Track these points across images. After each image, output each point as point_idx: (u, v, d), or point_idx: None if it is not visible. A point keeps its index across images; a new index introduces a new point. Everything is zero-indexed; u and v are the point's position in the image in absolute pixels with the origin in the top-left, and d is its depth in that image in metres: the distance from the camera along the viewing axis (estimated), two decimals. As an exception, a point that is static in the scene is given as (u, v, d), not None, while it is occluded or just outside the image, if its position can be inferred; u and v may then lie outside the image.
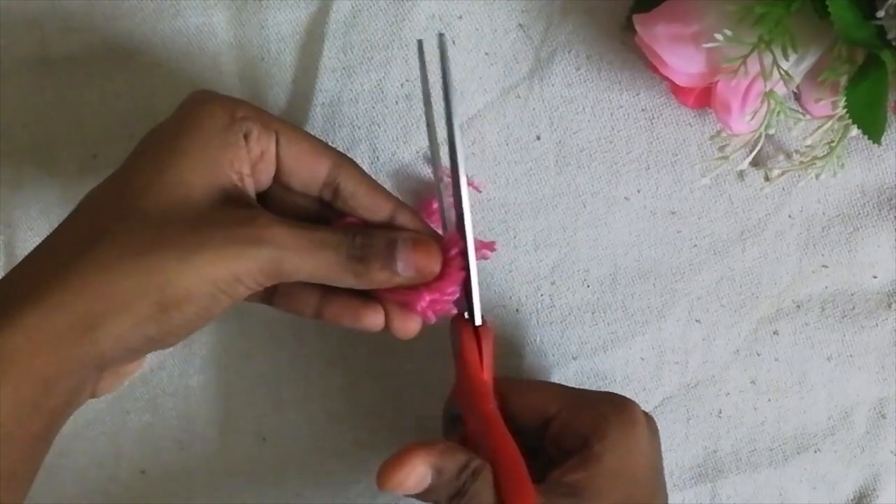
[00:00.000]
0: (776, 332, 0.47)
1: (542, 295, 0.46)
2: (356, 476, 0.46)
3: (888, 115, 0.39)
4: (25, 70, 0.44)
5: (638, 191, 0.46)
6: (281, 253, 0.33)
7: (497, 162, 0.45)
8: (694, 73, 0.40)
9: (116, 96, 0.45)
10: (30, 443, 0.31)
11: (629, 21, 0.41)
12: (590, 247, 0.46)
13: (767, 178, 0.45)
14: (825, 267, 0.46)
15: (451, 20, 0.45)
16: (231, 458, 0.46)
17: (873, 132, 0.37)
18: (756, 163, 0.45)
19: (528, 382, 0.43)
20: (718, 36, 0.37)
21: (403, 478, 0.34)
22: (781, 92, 0.39)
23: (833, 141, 0.41)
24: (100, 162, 0.45)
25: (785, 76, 0.38)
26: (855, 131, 0.39)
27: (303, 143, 0.36)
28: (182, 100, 0.36)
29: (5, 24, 0.44)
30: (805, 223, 0.46)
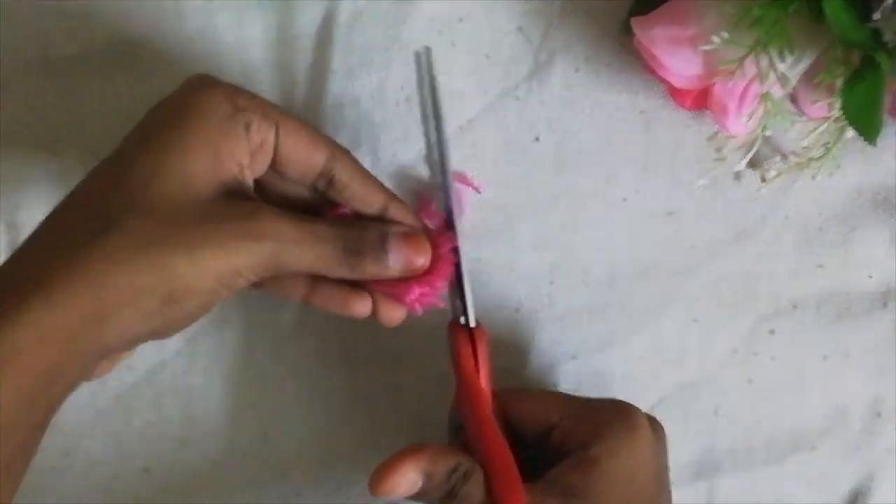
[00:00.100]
0: (773, 332, 0.47)
1: (541, 295, 0.46)
2: (356, 476, 0.46)
3: (884, 117, 0.40)
4: (28, 71, 0.44)
5: (636, 192, 0.46)
6: (281, 247, 0.34)
7: (496, 163, 0.45)
8: (691, 75, 0.40)
9: (118, 97, 0.45)
10: (29, 432, 0.32)
11: (627, 23, 0.41)
12: (588, 247, 0.46)
13: (764, 180, 0.45)
14: (821, 267, 0.47)
15: (451, 22, 0.45)
16: (233, 457, 0.46)
17: (869, 133, 0.37)
18: (753, 164, 0.45)
19: (530, 392, 0.44)
20: (716, 38, 0.37)
21: (394, 483, 0.34)
22: (778, 94, 0.39)
23: (829, 142, 0.41)
24: (102, 163, 0.45)
25: (781, 78, 0.38)
26: (851, 133, 0.39)
27: (301, 134, 0.36)
28: (183, 83, 0.36)
29: (8, 26, 0.44)
30: (801, 224, 0.46)
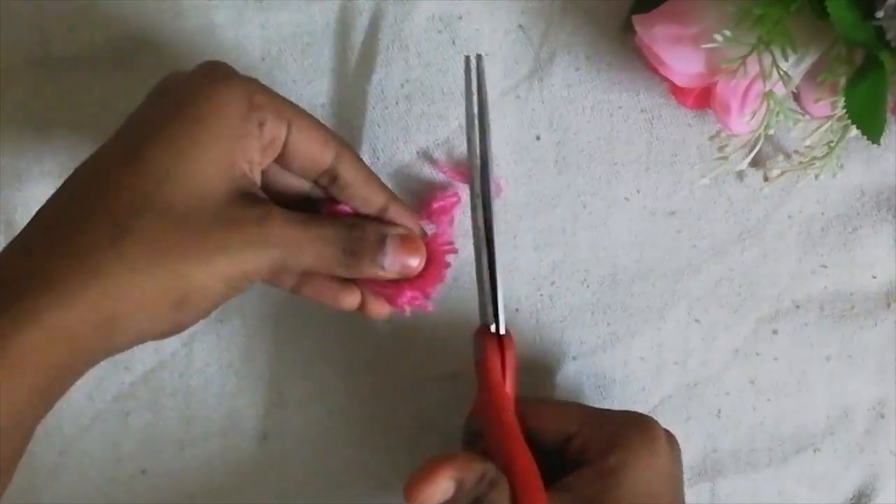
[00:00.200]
0: (775, 332, 0.47)
1: (542, 295, 0.46)
2: (356, 476, 0.46)
3: (887, 116, 0.39)
4: (26, 70, 0.44)
5: (637, 191, 0.46)
6: (288, 251, 0.35)
7: (497, 162, 0.45)
8: (693, 74, 0.40)
9: (118, 97, 0.45)
10: (31, 427, 0.32)
11: (629, 22, 0.41)
12: (589, 247, 0.46)
13: (767, 179, 0.45)
14: (824, 267, 0.46)
15: (451, 21, 0.45)
16: (232, 458, 0.46)
17: (872, 132, 0.37)
18: (755, 163, 0.45)
19: (549, 402, 0.44)
20: (718, 36, 0.37)
21: (431, 493, 0.35)
22: (781, 92, 0.39)
23: (832, 141, 0.41)
24: (100, 162, 0.45)
25: (784, 77, 0.38)
26: (854, 132, 0.39)
27: (311, 133, 0.36)
28: (196, 69, 0.35)
29: (6, 25, 0.44)
30: (804, 223, 0.46)
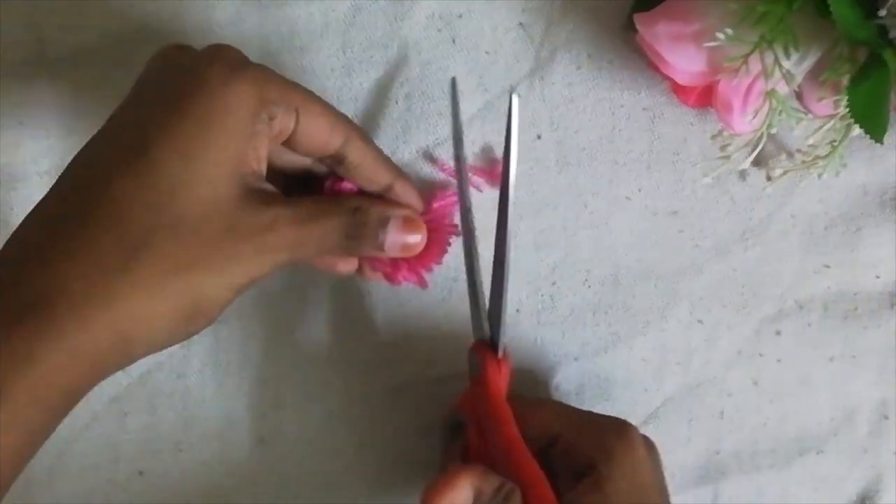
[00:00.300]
0: (778, 333, 0.46)
1: (543, 295, 0.46)
2: (354, 478, 0.46)
3: (890, 115, 0.39)
4: (23, 70, 0.44)
5: (639, 190, 0.45)
6: (294, 252, 0.35)
7: (497, 162, 0.45)
8: (695, 72, 0.40)
9: (115, 96, 0.44)
10: (42, 442, 0.32)
11: (630, 20, 0.41)
12: (591, 247, 0.46)
13: (769, 178, 0.45)
14: (827, 267, 0.46)
15: (451, 19, 0.44)
16: (229, 460, 0.46)
17: (876, 131, 0.37)
18: (758, 162, 0.45)
19: (532, 401, 0.44)
20: (720, 35, 0.37)
21: (452, 498, 0.35)
22: (783, 91, 0.39)
23: (835, 140, 0.41)
24: (98, 162, 0.45)
25: (786, 75, 0.38)
26: (857, 131, 0.39)
27: (320, 120, 0.36)
28: (202, 55, 0.34)
29: (3, 24, 0.44)
30: (807, 223, 0.46)
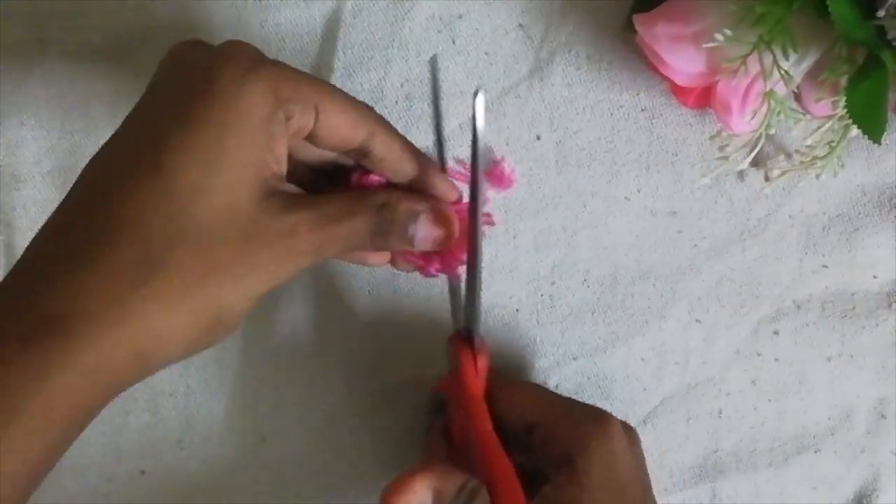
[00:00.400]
0: (776, 333, 0.46)
1: (542, 295, 0.46)
2: (356, 476, 0.46)
3: (888, 115, 0.39)
4: (24, 70, 0.44)
5: (638, 191, 0.45)
6: (317, 255, 0.34)
7: (496, 163, 0.45)
8: (694, 73, 0.40)
9: (117, 96, 0.45)
10: (57, 457, 0.32)
11: (629, 21, 0.41)
12: (590, 247, 0.46)
13: (768, 178, 0.45)
14: (825, 267, 0.46)
15: (451, 20, 0.44)
16: (231, 459, 0.46)
17: (874, 132, 0.37)
18: (756, 163, 0.45)
19: (514, 385, 0.44)
20: (719, 36, 0.37)
21: (407, 500, 0.35)
22: (782, 92, 0.39)
23: (833, 141, 0.41)
24: (99, 162, 0.45)
25: (785, 76, 0.38)
26: (855, 131, 0.39)
27: (340, 116, 0.35)
28: (216, 53, 0.33)
29: (3, 24, 0.44)
30: (805, 223, 0.46)
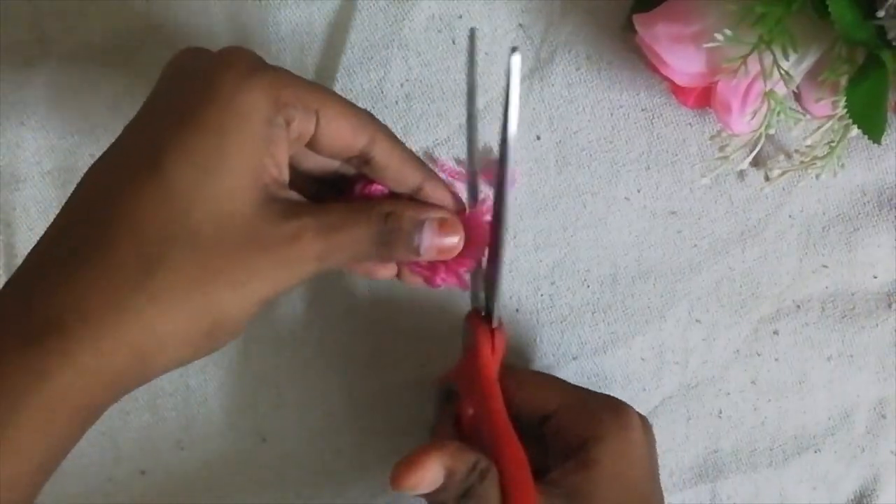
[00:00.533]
0: (776, 333, 0.46)
1: (542, 295, 0.46)
2: (356, 476, 0.46)
3: (888, 115, 0.39)
4: (24, 70, 0.44)
5: (638, 191, 0.45)
6: (321, 262, 0.33)
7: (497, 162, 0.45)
8: (694, 73, 0.40)
9: (117, 96, 0.45)
10: (59, 459, 0.31)
11: (629, 21, 0.41)
12: (590, 247, 0.46)
13: (768, 178, 0.45)
14: (825, 267, 0.46)
15: (451, 20, 0.44)
16: (231, 459, 0.46)
17: (874, 132, 0.37)
18: (756, 163, 0.45)
19: (530, 375, 0.44)
20: (719, 36, 0.37)
21: (419, 478, 0.34)
22: (781, 92, 0.39)
23: (833, 141, 0.41)
24: (99, 162, 0.45)
25: (785, 76, 0.38)
26: (855, 131, 0.39)
27: (341, 121, 0.35)
28: (215, 59, 0.33)
29: (4, 24, 0.44)
30: (805, 223, 0.46)
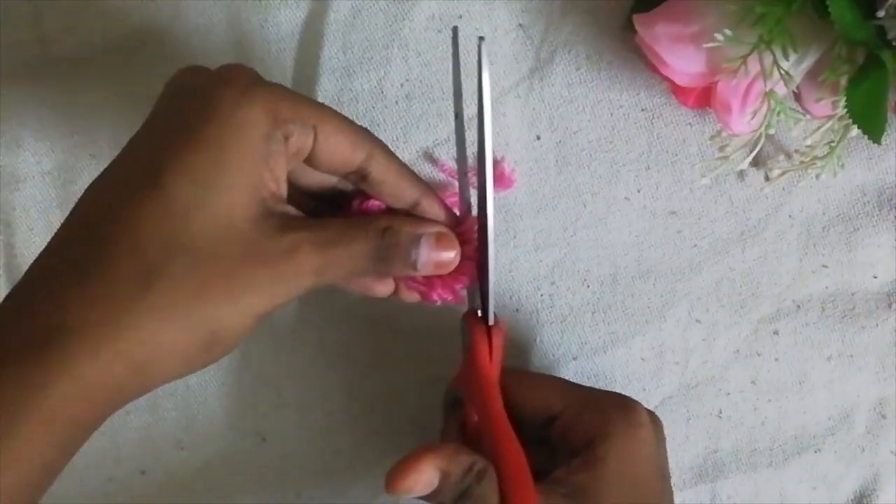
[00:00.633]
0: (776, 333, 0.46)
1: (542, 295, 0.46)
2: (356, 476, 0.46)
3: (888, 115, 0.39)
4: (24, 70, 0.44)
5: (638, 191, 0.45)
6: (319, 277, 0.34)
7: (498, 162, 0.45)
8: (694, 73, 0.40)
9: (117, 96, 0.45)
10: (57, 472, 0.31)
11: (629, 21, 0.41)
12: (590, 247, 0.46)
13: (767, 178, 0.45)
14: (825, 267, 0.46)
15: (451, 20, 0.44)
16: (231, 459, 0.46)
17: (874, 132, 0.37)
18: (756, 163, 0.45)
19: (534, 377, 0.44)
20: (719, 36, 0.37)
21: (413, 481, 0.34)
22: (781, 92, 0.39)
23: (833, 141, 0.41)
24: (99, 163, 0.45)
25: (785, 76, 0.38)
26: (855, 131, 0.39)
27: (339, 136, 0.35)
28: (214, 76, 0.34)
29: (4, 24, 0.44)
30: (805, 223, 0.46)
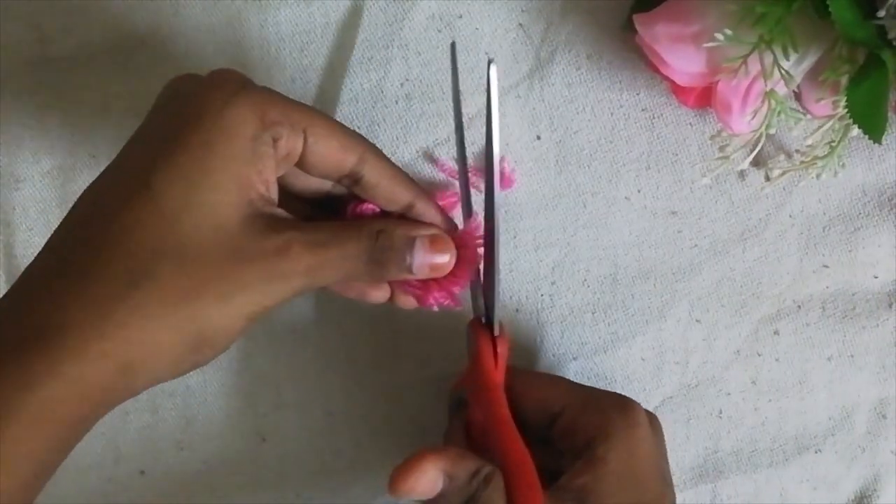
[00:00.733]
0: (777, 333, 0.46)
1: (542, 295, 0.46)
2: (356, 476, 0.46)
3: (889, 115, 0.39)
4: (24, 70, 0.44)
5: (638, 191, 0.45)
6: (310, 278, 0.33)
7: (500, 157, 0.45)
8: (694, 73, 0.40)
9: (116, 96, 0.45)
10: (50, 475, 0.32)
11: (629, 21, 0.41)
12: (590, 247, 0.46)
13: (768, 178, 0.45)
14: (826, 267, 0.46)
15: (451, 20, 0.44)
16: (231, 459, 0.46)
17: (874, 132, 0.37)
18: (757, 163, 0.45)
19: (537, 375, 0.44)
20: (719, 35, 0.37)
21: (415, 483, 0.34)
22: (782, 91, 0.39)
23: (834, 140, 0.41)
24: (99, 162, 0.45)
25: (785, 76, 0.38)
26: (856, 131, 0.39)
27: (330, 140, 0.35)
28: (205, 80, 0.34)
29: (4, 24, 0.44)
30: (806, 223, 0.46)
